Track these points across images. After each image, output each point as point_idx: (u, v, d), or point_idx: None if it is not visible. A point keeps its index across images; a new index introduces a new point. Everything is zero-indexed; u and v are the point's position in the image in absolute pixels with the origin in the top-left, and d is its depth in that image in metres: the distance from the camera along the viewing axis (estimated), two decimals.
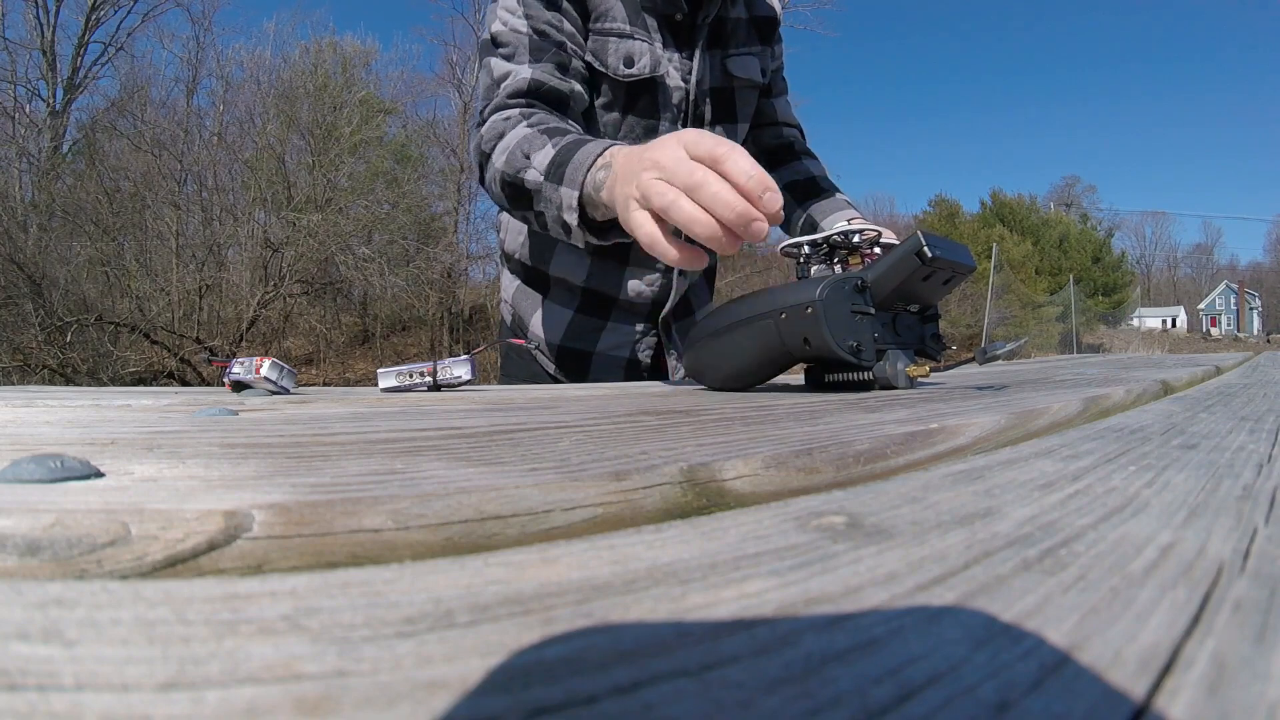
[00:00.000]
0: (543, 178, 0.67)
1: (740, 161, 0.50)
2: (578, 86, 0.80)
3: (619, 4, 0.82)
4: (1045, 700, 0.12)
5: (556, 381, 1.06)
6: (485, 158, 0.76)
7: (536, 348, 1.07)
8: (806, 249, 0.49)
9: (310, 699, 0.12)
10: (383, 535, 0.19)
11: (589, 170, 0.63)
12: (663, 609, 0.15)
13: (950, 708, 0.11)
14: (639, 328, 1.03)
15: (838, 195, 1.01)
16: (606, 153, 0.64)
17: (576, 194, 0.64)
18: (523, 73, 0.77)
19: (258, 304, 10.24)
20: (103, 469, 0.24)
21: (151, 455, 0.27)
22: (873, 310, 0.46)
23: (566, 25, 0.81)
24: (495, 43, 0.80)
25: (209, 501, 0.19)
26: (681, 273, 1.00)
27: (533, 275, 1.03)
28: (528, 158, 0.69)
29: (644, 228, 0.56)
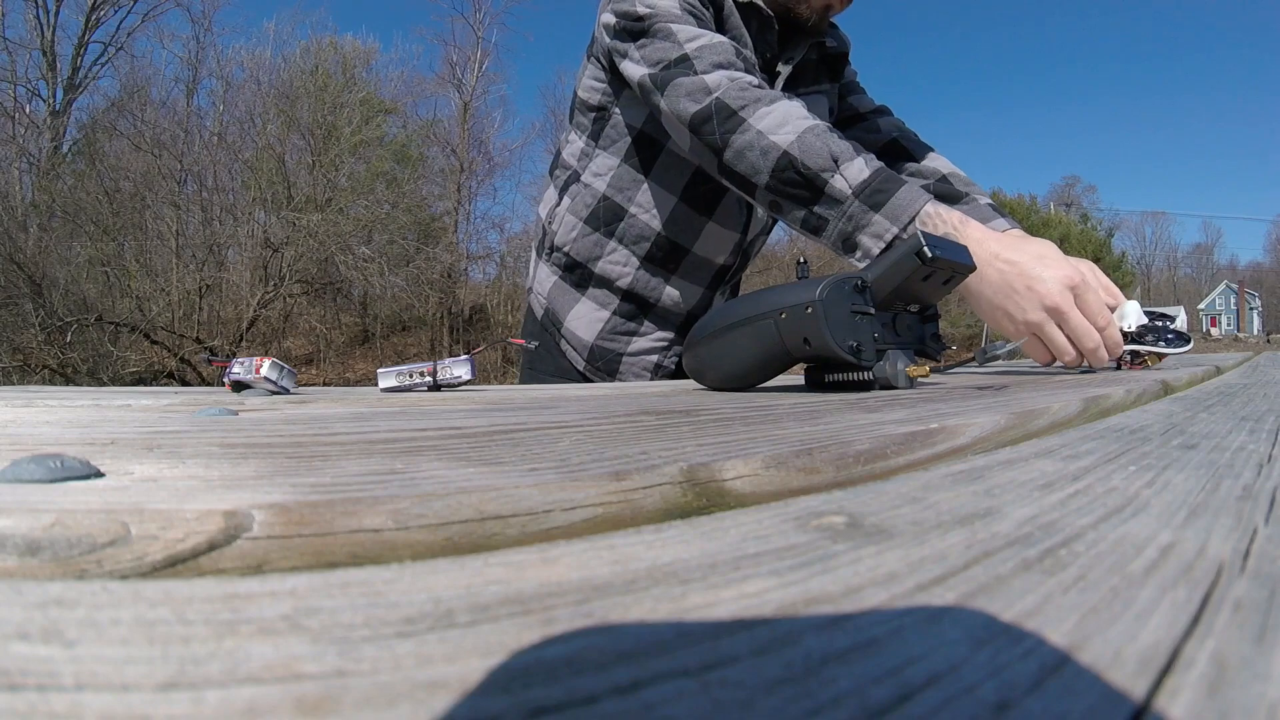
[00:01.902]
0: (853, 195, 0.68)
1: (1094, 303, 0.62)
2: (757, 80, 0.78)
3: (737, 25, 0.82)
4: (1045, 700, 0.12)
5: (585, 379, 1.07)
6: (728, 113, 0.71)
7: (537, 348, 1.07)
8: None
9: (310, 699, 0.12)
10: (383, 535, 0.19)
11: (916, 217, 0.68)
12: (663, 609, 0.15)
13: (950, 708, 0.11)
14: (671, 335, 1.06)
15: (975, 198, 0.96)
16: (937, 212, 0.67)
17: (895, 229, 0.68)
18: (718, 37, 0.75)
19: (258, 304, 10.24)
20: (103, 469, 0.24)
21: (151, 455, 0.27)
22: (873, 310, 0.47)
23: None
24: (638, 17, 0.79)
25: (209, 501, 0.19)
26: (723, 290, 1.05)
27: (577, 271, 1.05)
28: (835, 161, 0.69)
29: (1057, 341, 0.67)
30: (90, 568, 0.17)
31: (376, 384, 0.71)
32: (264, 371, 0.63)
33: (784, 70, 0.90)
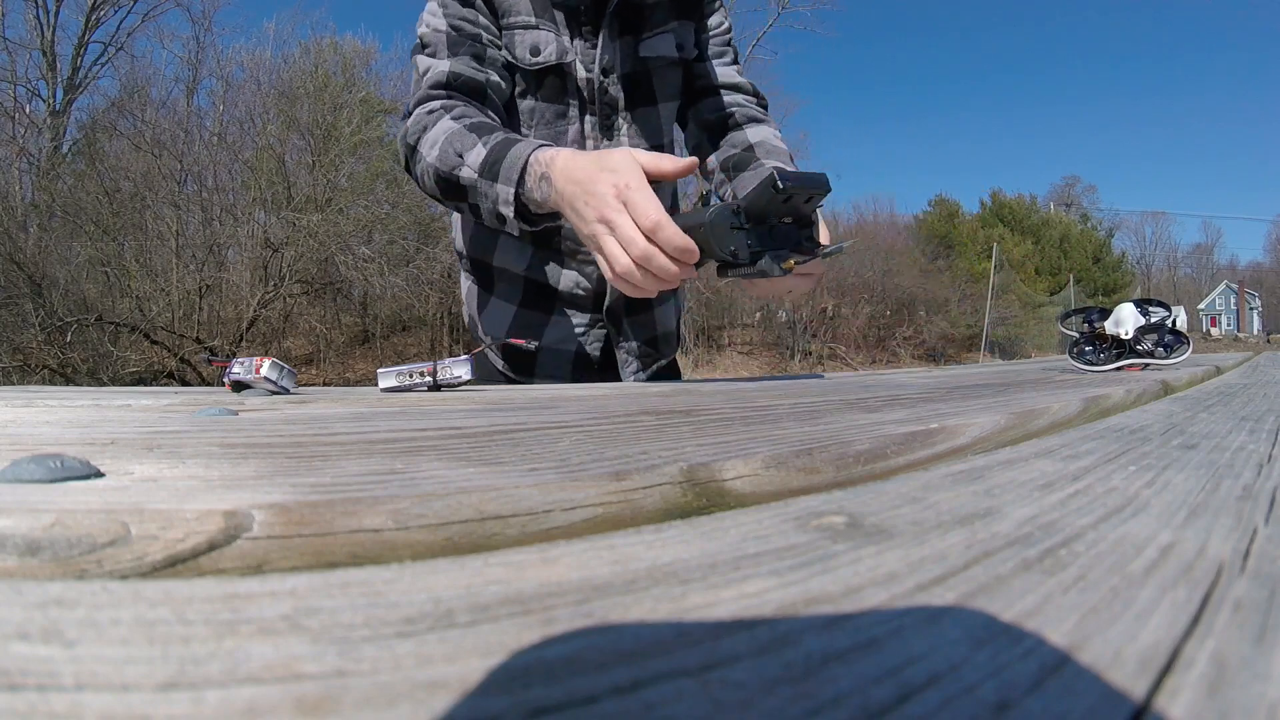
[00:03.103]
0: (478, 175, 0.75)
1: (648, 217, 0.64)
2: (494, 76, 0.88)
3: (525, 0, 0.89)
4: (1045, 700, 0.12)
5: (509, 380, 1.04)
6: (412, 150, 0.83)
7: (538, 348, 1.06)
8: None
9: (310, 699, 0.12)
10: (383, 535, 0.19)
11: (523, 171, 0.73)
12: (663, 609, 0.15)
13: (950, 708, 0.11)
14: (584, 320, 1.02)
15: (765, 163, 0.97)
16: (539, 158, 0.72)
17: (513, 190, 0.73)
18: (442, 66, 0.85)
19: (258, 304, 10.24)
20: (103, 469, 0.24)
21: (151, 455, 0.27)
22: (747, 226, 0.63)
23: (481, 19, 0.89)
24: (421, 44, 0.89)
25: (209, 501, 0.19)
26: None
27: (480, 270, 1.04)
28: (460, 156, 0.77)
29: (619, 262, 0.66)
30: (90, 568, 0.17)
31: (376, 384, 0.71)
32: (264, 371, 0.63)
33: (604, 25, 0.91)
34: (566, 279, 0.99)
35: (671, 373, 1.16)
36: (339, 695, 0.12)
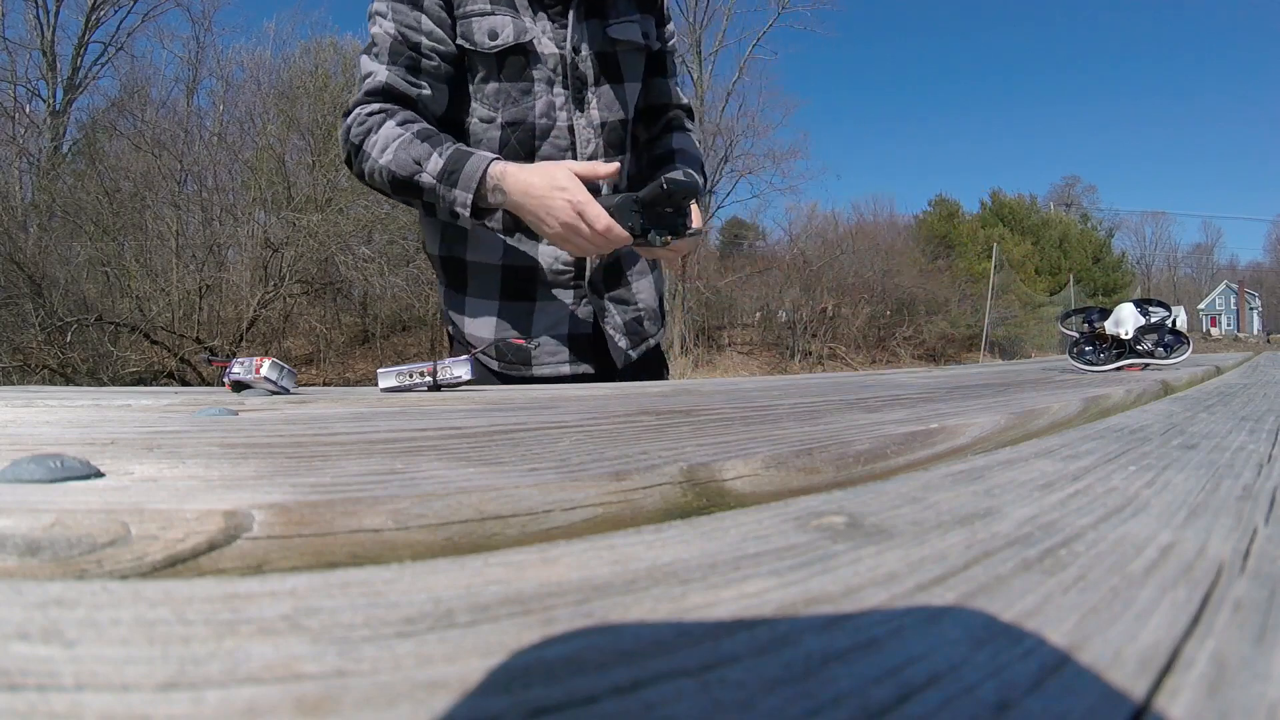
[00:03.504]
0: (436, 181, 0.91)
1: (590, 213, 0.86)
2: (426, 90, 0.98)
3: None
4: (1045, 700, 0.12)
5: (506, 382, 1.05)
6: (356, 149, 0.96)
7: (537, 348, 1.06)
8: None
9: (310, 699, 0.12)
10: (383, 535, 0.19)
11: (480, 182, 0.90)
12: (663, 609, 0.15)
13: (950, 708, 0.11)
14: (569, 297, 1.05)
15: (672, 168, 1.10)
16: (493, 172, 0.90)
17: (470, 195, 0.90)
18: (380, 75, 0.96)
19: (258, 304, 10.24)
20: (103, 469, 0.24)
21: (151, 455, 0.27)
22: (641, 211, 0.89)
23: (426, 23, 0.97)
24: (371, 43, 0.98)
25: (209, 501, 0.19)
26: None
27: (452, 270, 1.07)
28: (419, 164, 0.91)
29: (561, 226, 0.88)
30: (90, 568, 0.17)
31: (376, 384, 0.71)
32: (264, 371, 0.63)
33: (573, 10, 1.01)
34: (545, 254, 1.03)
35: (658, 359, 1.20)
36: (339, 695, 0.12)
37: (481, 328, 1.05)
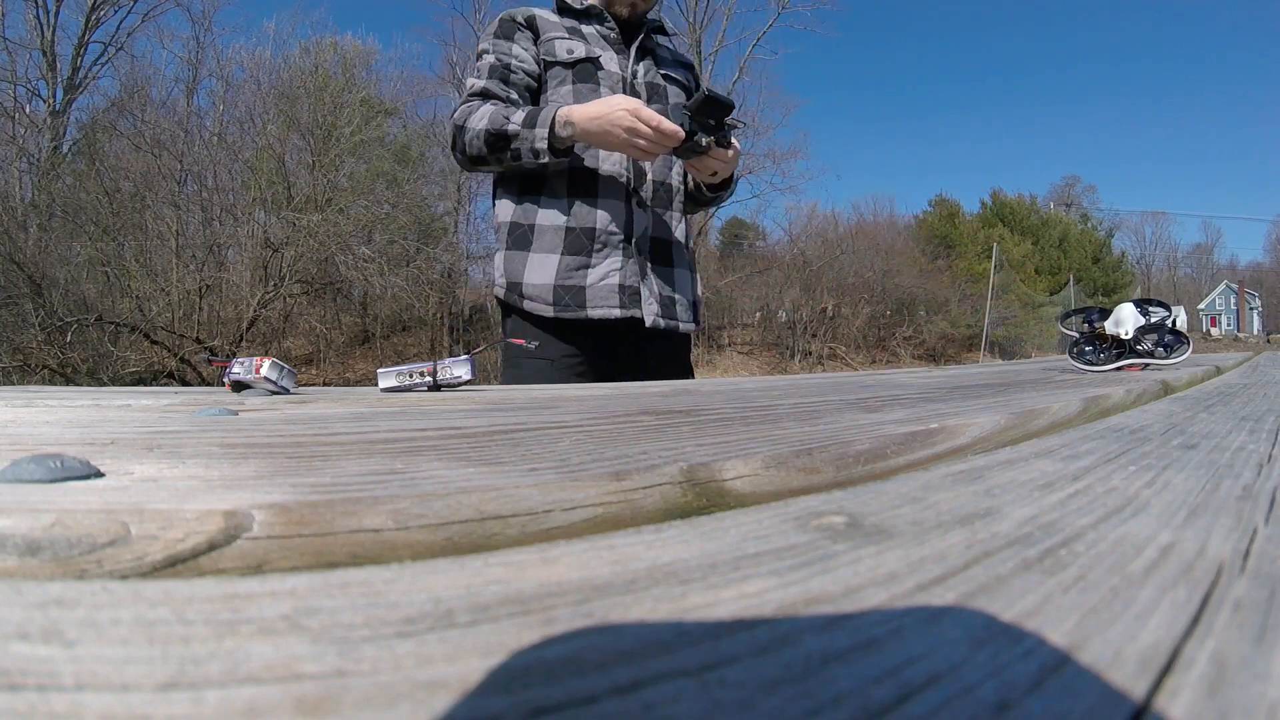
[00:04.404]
0: (520, 126, 1.18)
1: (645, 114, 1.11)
2: (514, 94, 1.29)
3: (558, 28, 1.34)
4: (1045, 700, 0.12)
5: (558, 324, 1.25)
6: (459, 128, 1.24)
7: (538, 347, 1.14)
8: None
9: (310, 699, 0.12)
10: (383, 535, 0.19)
11: (552, 122, 1.16)
12: (663, 609, 0.15)
13: (950, 708, 0.11)
14: (618, 258, 1.29)
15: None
16: (560, 113, 1.16)
17: (546, 130, 1.16)
18: (480, 83, 1.29)
19: (258, 304, 10.23)
20: (103, 469, 0.24)
21: (151, 455, 0.27)
22: (689, 115, 1.10)
23: (516, 49, 1.31)
24: (477, 68, 1.31)
25: (209, 501, 0.19)
26: (640, 203, 1.32)
27: (518, 232, 1.30)
28: (507, 119, 1.19)
29: (625, 131, 1.12)
30: (90, 568, 0.17)
31: (376, 384, 0.71)
32: (264, 371, 0.63)
33: (632, 51, 1.36)
34: (601, 218, 1.28)
35: (685, 352, 1.43)
36: (339, 695, 0.12)
37: (542, 275, 1.27)
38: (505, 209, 1.32)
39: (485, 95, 1.26)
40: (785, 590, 0.17)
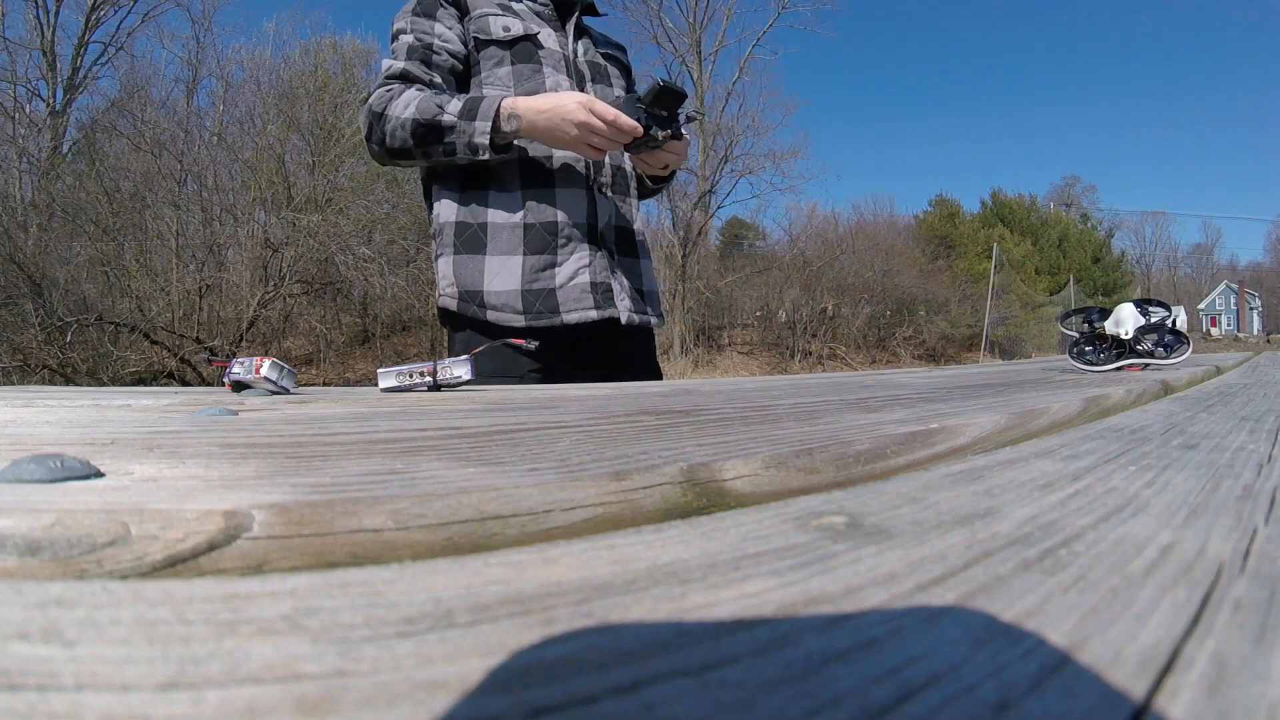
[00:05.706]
0: (458, 118, 1.04)
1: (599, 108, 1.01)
2: (438, 78, 1.14)
3: (489, 3, 1.19)
4: (1045, 700, 0.12)
5: (527, 334, 1.10)
6: (378, 116, 1.08)
7: (538, 346, 1.08)
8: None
9: (310, 699, 0.12)
10: (383, 535, 0.19)
11: (496, 113, 1.03)
12: (663, 609, 0.15)
13: (950, 708, 0.11)
14: (585, 253, 1.16)
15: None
16: (505, 104, 1.03)
17: (489, 124, 1.03)
18: (398, 65, 1.12)
19: (258, 304, 10.23)
20: (103, 469, 0.24)
21: (151, 455, 0.27)
22: (643, 109, 1.03)
23: (439, 28, 1.16)
24: (393, 50, 1.16)
25: (209, 501, 0.19)
26: (601, 190, 1.20)
27: (472, 235, 1.15)
28: (440, 108, 1.04)
29: (578, 127, 1.01)
30: (90, 568, 0.17)
31: (376, 384, 0.71)
32: (264, 371, 0.63)
33: (570, 29, 1.24)
34: (562, 211, 1.15)
35: (654, 352, 1.32)
36: (339, 695, 0.12)
37: (506, 280, 1.12)
38: (447, 208, 1.16)
39: (405, 78, 1.11)
40: (785, 590, 0.17)
